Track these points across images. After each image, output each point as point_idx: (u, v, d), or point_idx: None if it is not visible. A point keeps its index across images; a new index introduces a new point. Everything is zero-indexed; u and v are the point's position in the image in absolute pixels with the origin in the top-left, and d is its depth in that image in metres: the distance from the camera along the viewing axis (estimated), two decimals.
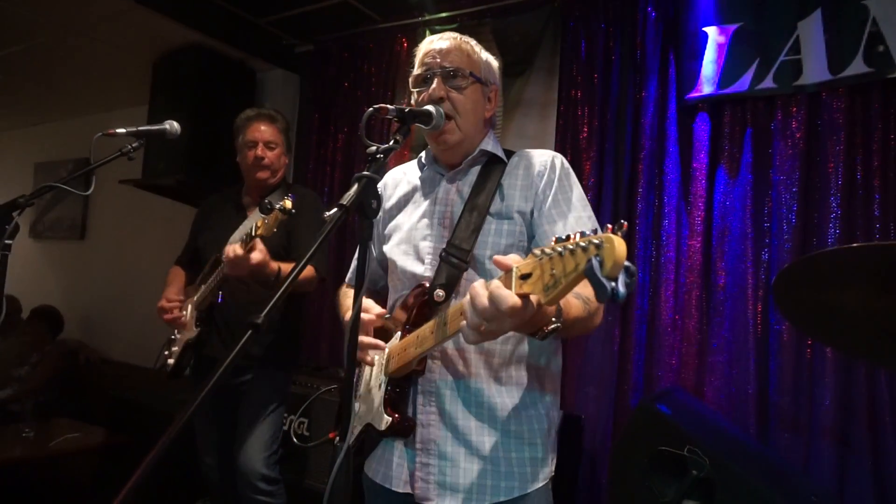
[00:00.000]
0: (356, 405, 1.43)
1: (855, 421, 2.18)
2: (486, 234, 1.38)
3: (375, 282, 1.67)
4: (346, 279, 1.77)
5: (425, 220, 1.46)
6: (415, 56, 1.49)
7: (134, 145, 2.05)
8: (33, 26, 3.68)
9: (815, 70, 2.33)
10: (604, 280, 0.80)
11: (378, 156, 1.16)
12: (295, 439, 1.61)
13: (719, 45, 2.53)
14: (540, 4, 3.05)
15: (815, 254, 1.47)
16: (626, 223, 0.85)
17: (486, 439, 1.34)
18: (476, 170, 1.48)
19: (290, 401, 2.94)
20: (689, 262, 2.56)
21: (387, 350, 1.40)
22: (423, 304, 1.36)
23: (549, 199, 1.39)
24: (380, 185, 1.63)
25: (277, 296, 0.95)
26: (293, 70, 4.03)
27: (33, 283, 5.36)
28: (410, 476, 1.36)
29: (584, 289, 1.14)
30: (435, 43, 1.45)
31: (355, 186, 1.08)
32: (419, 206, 1.51)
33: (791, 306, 1.41)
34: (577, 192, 1.42)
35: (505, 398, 1.36)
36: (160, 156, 3.77)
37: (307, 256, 0.99)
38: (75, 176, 2.01)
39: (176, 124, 2.15)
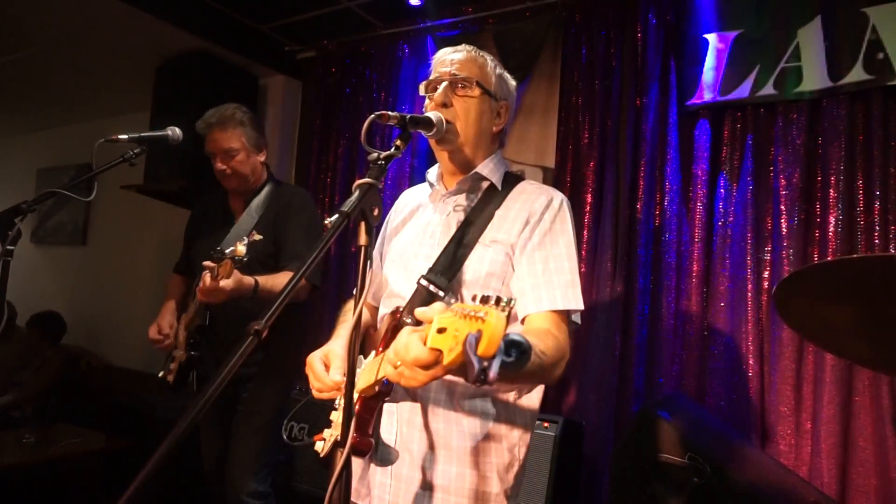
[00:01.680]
0: (335, 414, 1.42)
1: (857, 428, 2.18)
2: (470, 260, 1.36)
3: (379, 298, 1.65)
4: (354, 292, 1.74)
5: (416, 241, 1.47)
6: (431, 64, 1.51)
7: (136, 151, 2.05)
8: (36, 32, 3.70)
9: (815, 77, 2.33)
10: (473, 358, 0.76)
11: (379, 162, 1.16)
12: (286, 439, 1.61)
13: (720, 52, 2.54)
14: (541, 11, 3.06)
15: (815, 265, 1.47)
16: (514, 299, 0.82)
17: (439, 467, 1.33)
18: (474, 194, 1.47)
19: (292, 407, 2.93)
20: (689, 269, 2.56)
21: (363, 366, 1.40)
22: (395, 328, 1.33)
23: (536, 239, 1.37)
24: (396, 203, 1.68)
25: (276, 306, 0.95)
26: (295, 76, 4.04)
27: (35, 288, 5.37)
28: (368, 491, 1.38)
29: (542, 341, 1.16)
30: (449, 53, 1.47)
31: (356, 193, 1.09)
32: (415, 226, 1.52)
33: (792, 315, 1.41)
34: (567, 238, 1.39)
35: (464, 427, 1.34)
36: (162, 162, 3.77)
37: (304, 268, 0.98)
38: (77, 182, 2.02)
39: (178, 130, 2.15)
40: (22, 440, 3.29)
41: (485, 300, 0.82)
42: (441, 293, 1.32)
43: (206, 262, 2.06)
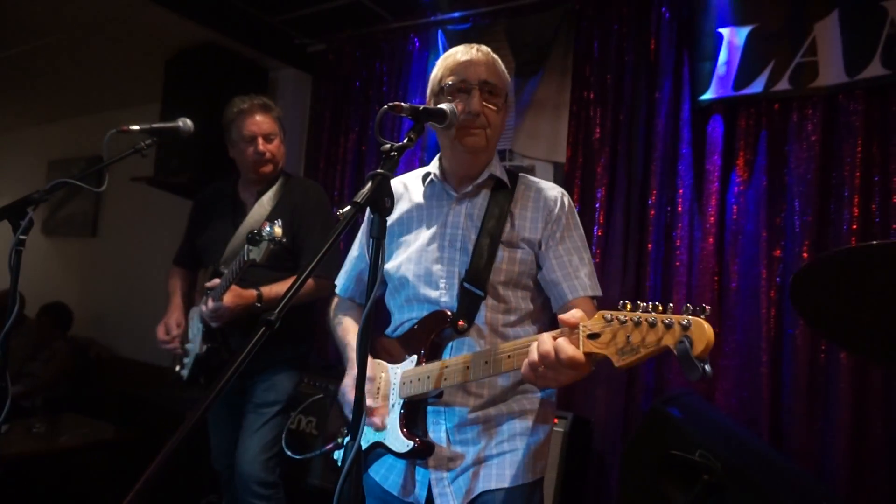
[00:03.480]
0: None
1: (870, 427, 2.15)
2: (500, 261, 1.43)
3: (364, 295, 1.64)
4: (341, 290, 1.73)
5: (436, 243, 1.48)
6: (438, 63, 1.50)
7: (147, 143, 2.05)
8: (48, 24, 3.71)
9: (831, 72, 2.30)
10: (696, 361, 0.88)
11: (392, 154, 1.16)
12: (288, 452, 1.65)
13: (734, 47, 2.51)
14: (553, 5, 3.04)
15: (833, 251, 1.46)
16: (709, 308, 0.92)
17: (493, 449, 1.41)
18: (485, 193, 1.51)
19: (299, 400, 2.94)
20: (701, 265, 2.54)
21: (399, 372, 1.43)
22: (441, 333, 1.41)
23: (557, 235, 1.47)
24: None
25: (288, 297, 0.95)
26: (305, 69, 4.03)
27: (45, 279, 5.39)
28: (421, 488, 1.41)
29: None
30: (472, 53, 1.46)
31: (369, 184, 1.08)
32: (428, 227, 1.51)
33: (807, 306, 1.39)
34: (580, 232, 1.52)
35: (513, 407, 1.44)
36: (172, 153, 3.78)
37: (314, 263, 0.99)
38: (89, 172, 2.01)
39: (189, 122, 2.14)
40: (32, 430, 3.31)
41: (646, 307, 0.96)
42: (481, 293, 1.42)
43: (208, 284, 2.10)
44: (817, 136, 2.36)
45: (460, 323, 1.39)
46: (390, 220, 1.55)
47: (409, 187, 1.60)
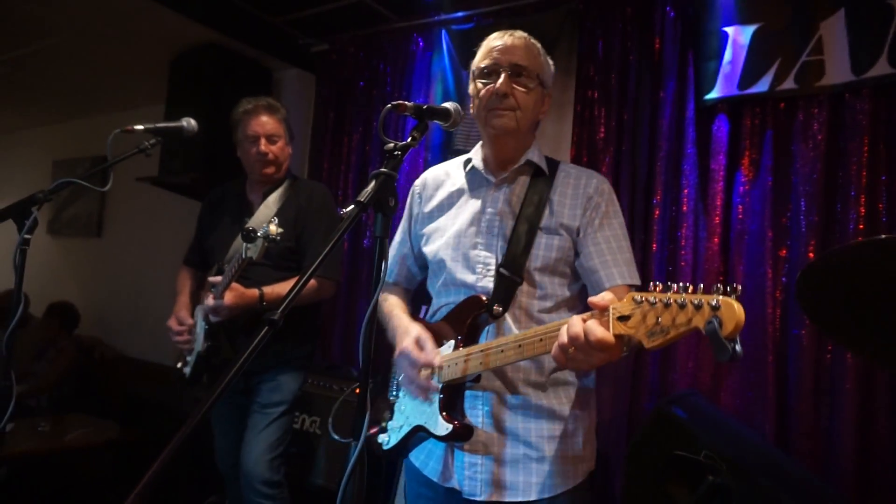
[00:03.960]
0: (399, 404, 1.50)
1: (876, 428, 2.14)
2: (537, 247, 1.43)
3: (411, 280, 1.71)
4: (387, 276, 1.76)
5: (473, 228, 1.50)
6: (477, 49, 1.53)
7: (151, 142, 2.06)
8: (51, 25, 3.72)
9: (837, 71, 2.29)
10: (725, 341, 0.87)
11: (396, 153, 1.16)
12: (335, 436, 1.68)
13: (739, 45, 2.50)
14: (556, 4, 3.03)
15: (839, 247, 1.44)
16: (739, 287, 0.91)
17: (533, 439, 1.41)
18: (524, 180, 1.51)
19: (304, 400, 2.94)
20: (706, 265, 2.53)
21: (439, 356, 1.43)
22: (477, 317, 1.42)
23: (596, 222, 1.46)
24: (418, 182, 1.68)
25: (291, 297, 0.95)
26: (308, 69, 4.04)
27: (50, 279, 5.42)
28: (459, 473, 1.42)
29: None
30: (505, 38, 1.48)
31: (373, 183, 1.08)
32: (465, 211, 1.53)
33: (812, 305, 1.38)
34: (620, 220, 1.51)
35: (552, 399, 1.43)
36: (176, 154, 3.79)
37: (316, 263, 0.99)
38: (93, 172, 2.03)
39: (193, 122, 2.15)
40: (37, 429, 3.33)
41: (678, 289, 0.95)
42: (518, 279, 1.42)
43: (212, 279, 2.10)
44: (823, 135, 2.35)
45: (496, 308, 1.39)
46: (431, 204, 1.61)
47: (450, 174, 1.64)
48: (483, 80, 1.47)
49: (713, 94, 2.55)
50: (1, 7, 3.49)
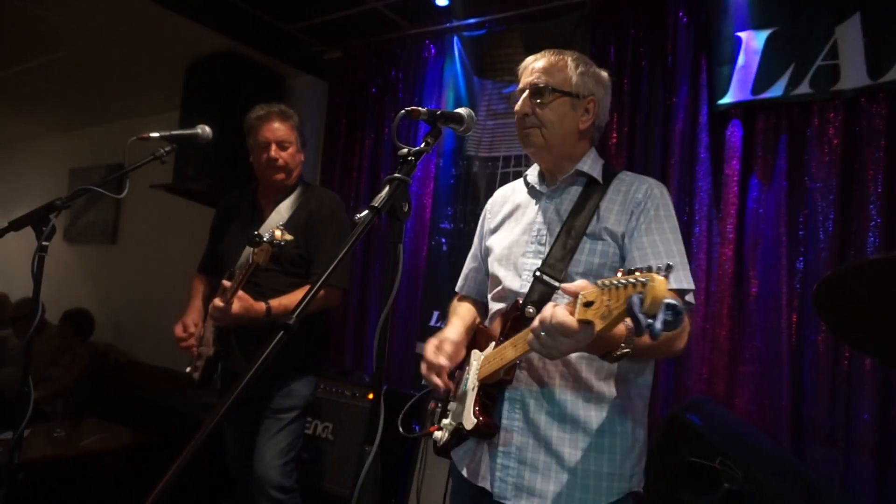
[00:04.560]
0: (452, 404, 1.54)
1: (894, 435, 2.11)
2: (580, 252, 1.43)
3: (483, 293, 1.73)
4: (457, 288, 1.82)
5: (524, 238, 1.54)
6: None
7: (167, 149, 2.08)
8: (68, 35, 3.77)
9: (853, 75, 2.27)
10: (640, 315, 0.88)
11: (409, 158, 1.16)
12: (402, 430, 1.74)
13: (753, 50, 2.49)
14: (569, 10, 3.03)
15: (857, 263, 1.43)
16: (672, 265, 0.92)
17: (565, 450, 1.39)
18: (575, 189, 1.53)
19: (316, 406, 2.94)
20: (720, 271, 2.51)
21: (482, 357, 1.49)
22: (516, 319, 1.44)
23: (643, 226, 1.43)
24: (490, 200, 1.75)
25: (305, 302, 0.95)
26: (321, 76, 4.07)
27: (66, 285, 5.47)
28: (490, 474, 1.44)
29: None
30: (531, 62, 1.55)
31: (387, 188, 1.08)
32: (519, 223, 1.58)
33: (830, 316, 1.37)
34: (672, 223, 1.45)
35: (591, 411, 1.41)
36: (190, 161, 3.82)
37: (326, 274, 1.00)
38: (109, 179, 2.05)
39: (208, 129, 2.17)
40: (53, 434, 3.36)
41: (630, 272, 0.94)
42: (557, 283, 1.41)
43: (225, 282, 2.10)
44: (839, 140, 2.33)
45: (529, 310, 1.39)
46: (496, 220, 1.67)
47: (515, 189, 1.70)
48: (513, 105, 1.54)
49: (727, 99, 2.53)
50: (18, 17, 3.55)
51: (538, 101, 1.49)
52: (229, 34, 3.61)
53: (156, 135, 2.05)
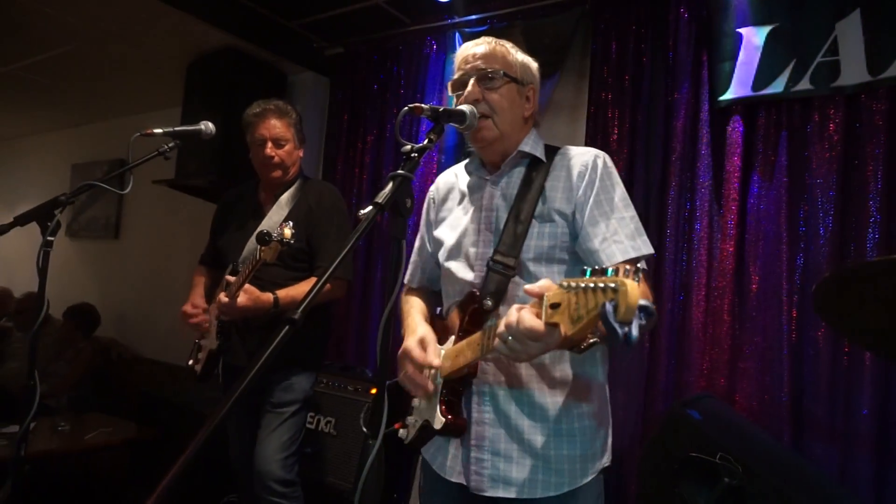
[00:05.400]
0: (416, 400, 1.52)
1: (894, 431, 2.12)
2: (530, 237, 1.41)
3: (434, 282, 1.72)
4: (407, 280, 1.78)
5: (473, 226, 1.51)
6: (453, 62, 1.53)
7: (170, 145, 2.10)
8: (71, 31, 3.77)
9: (853, 71, 2.27)
10: (616, 325, 0.83)
11: (413, 155, 1.17)
12: (364, 429, 1.72)
13: (754, 47, 2.49)
14: (570, 6, 3.03)
15: (855, 264, 1.44)
16: (644, 267, 0.87)
17: (537, 437, 1.40)
18: (519, 171, 1.50)
19: (318, 400, 2.96)
20: (720, 267, 2.52)
21: (442, 352, 1.46)
22: (473, 312, 1.42)
23: (591, 199, 1.40)
24: (433, 188, 1.70)
25: (311, 297, 0.96)
26: (323, 73, 4.07)
27: (69, 281, 5.49)
28: (465, 468, 1.43)
29: None
30: (470, 47, 1.50)
31: (390, 185, 1.09)
32: (467, 212, 1.55)
33: (830, 315, 1.38)
34: (620, 191, 1.43)
35: (557, 397, 1.42)
36: (192, 156, 3.84)
37: (332, 268, 1.00)
38: (113, 175, 2.06)
39: (211, 125, 2.19)
40: (57, 428, 3.37)
41: (601, 272, 0.90)
42: (510, 271, 1.39)
43: (228, 277, 2.11)
44: (839, 136, 2.33)
45: (486, 302, 1.39)
46: (442, 208, 1.63)
47: (458, 176, 1.65)
48: (458, 94, 1.48)
49: (728, 96, 2.54)
50: (20, 13, 3.55)
51: (487, 86, 1.44)
52: (231, 31, 3.62)
53: (159, 131, 2.06)
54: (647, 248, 1.39)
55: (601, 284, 0.87)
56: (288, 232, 1.92)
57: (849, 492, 2.11)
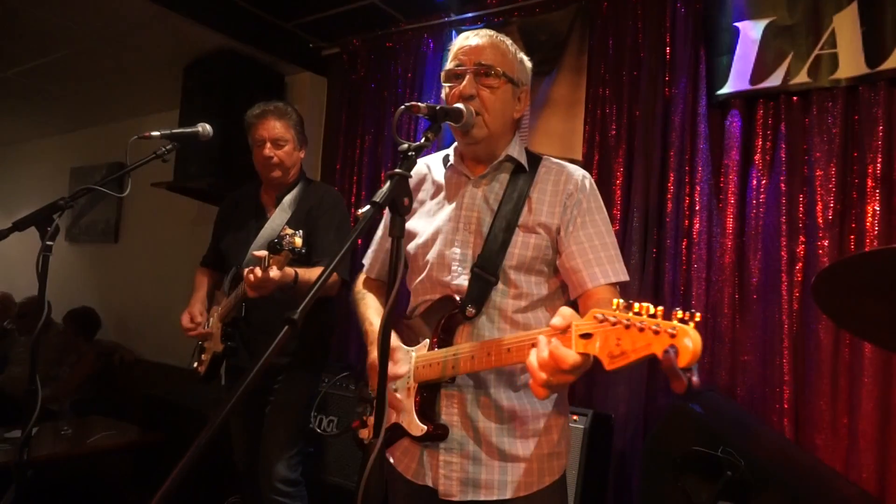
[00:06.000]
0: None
1: (895, 423, 2.12)
2: (513, 245, 1.41)
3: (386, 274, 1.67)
4: (366, 269, 1.74)
5: (451, 225, 1.48)
6: (448, 51, 1.50)
7: (168, 147, 2.10)
8: (67, 35, 3.77)
9: (852, 63, 2.27)
10: (681, 372, 0.82)
11: (410, 154, 1.17)
12: (318, 430, 1.69)
13: (751, 40, 2.49)
14: (567, 3, 3.03)
15: (854, 255, 1.43)
16: (699, 315, 0.86)
17: (505, 439, 1.40)
18: (503, 177, 1.49)
19: (320, 400, 2.96)
20: (720, 261, 2.52)
21: (413, 356, 1.44)
22: (451, 318, 1.41)
23: (577, 220, 1.43)
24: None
25: (309, 297, 0.96)
26: (320, 73, 4.07)
27: (70, 285, 5.49)
28: (434, 472, 1.42)
29: None
30: (470, 39, 1.46)
31: (388, 184, 1.09)
32: (444, 210, 1.51)
33: (830, 307, 1.37)
34: (603, 215, 1.46)
35: (523, 399, 1.42)
36: (191, 159, 3.84)
37: (336, 258, 1.00)
38: (112, 178, 2.06)
39: (208, 127, 2.19)
40: (60, 432, 3.38)
41: (638, 309, 0.90)
42: (493, 279, 1.39)
43: (257, 253, 2.06)
44: (838, 128, 2.33)
45: (469, 310, 1.38)
46: (413, 201, 1.57)
47: (431, 168, 1.62)
48: (450, 84, 1.44)
49: (725, 90, 2.54)
50: (16, 18, 3.55)
51: (484, 84, 1.41)
52: (227, 32, 3.61)
53: (157, 133, 2.06)
54: (624, 276, 1.42)
55: (653, 326, 0.87)
56: (298, 241, 1.91)
57: (850, 484, 2.11)
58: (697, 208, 2.59)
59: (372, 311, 1.60)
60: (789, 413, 2.31)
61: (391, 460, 1.53)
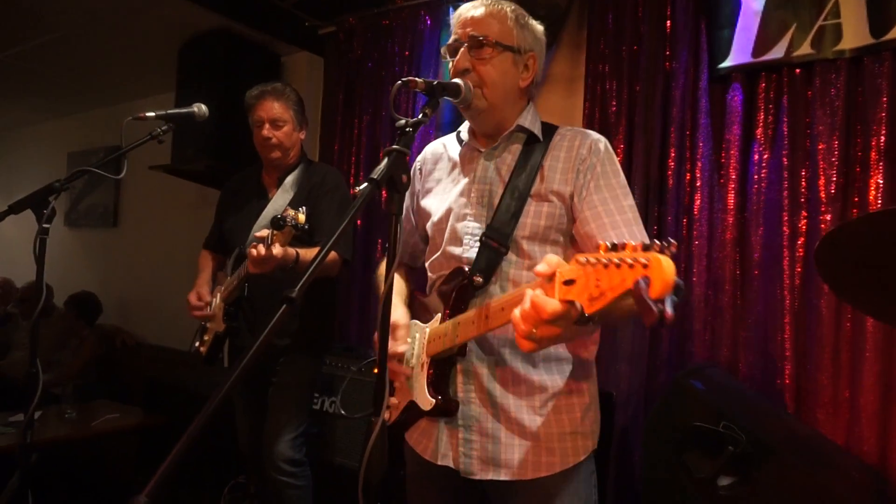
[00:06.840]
0: (396, 381, 1.48)
1: None
2: (525, 215, 1.37)
3: (416, 257, 1.68)
4: (383, 263, 1.74)
5: (463, 200, 1.46)
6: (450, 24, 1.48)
7: (163, 129, 2.08)
8: (61, 17, 3.73)
9: (856, 34, 2.23)
10: (650, 303, 0.79)
11: (407, 129, 1.15)
12: (343, 412, 1.69)
13: (753, 12, 2.45)
14: None
15: (861, 217, 1.42)
16: (675, 243, 0.82)
17: (524, 416, 1.37)
18: (515, 147, 1.46)
19: (322, 381, 2.97)
20: (722, 236, 2.51)
21: (427, 331, 1.43)
22: (461, 288, 1.38)
23: (591, 184, 1.37)
24: (419, 159, 1.65)
25: (308, 274, 0.95)
26: (317, 52, 4.02)
27: (70, 270, 5.50)
28: (453, 451, 1.40)
29: None
30: (467, 10, 1.43)
31: (385, 160, 1.08)
32: (458, 184, 1.50)
33: (832, 275, 1.36)
34: (620, 179, 1.40)
35: (542, 374, 1.38)
36: (189, 141, 3.81)
37: (335, 236, 0.99)
38: (107, 160, 2.05)
39: (204, 107, 2.17)
40: (64, 416, 3.40)
41: (621, 247, 0.86)
42: (503, 249, 1.36)
43: (259, 233, 2.06)
44: (841, 101, 2.30)
45: (476, 279, 1.36)
46: (429, 179, 1.59)
47: (447, 147, 1.61)
48: (451, 59, 1.43)
49: (727, 63, 2.50)
50: (9, 1, 3.50)
51: (478, 55, 1.39)
52: (222, 11, 3.57)
53: (152, 114, 2.05)
54: (644, 239, 1.36)
55: (629, 259, 0.82)
56: (302, 217, 1.91)
57: (852, 458, 2.12)
58: (698, 184, 2.57)
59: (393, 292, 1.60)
60: (791, 388, 2.31)
61: (410, 443, 1.51)
